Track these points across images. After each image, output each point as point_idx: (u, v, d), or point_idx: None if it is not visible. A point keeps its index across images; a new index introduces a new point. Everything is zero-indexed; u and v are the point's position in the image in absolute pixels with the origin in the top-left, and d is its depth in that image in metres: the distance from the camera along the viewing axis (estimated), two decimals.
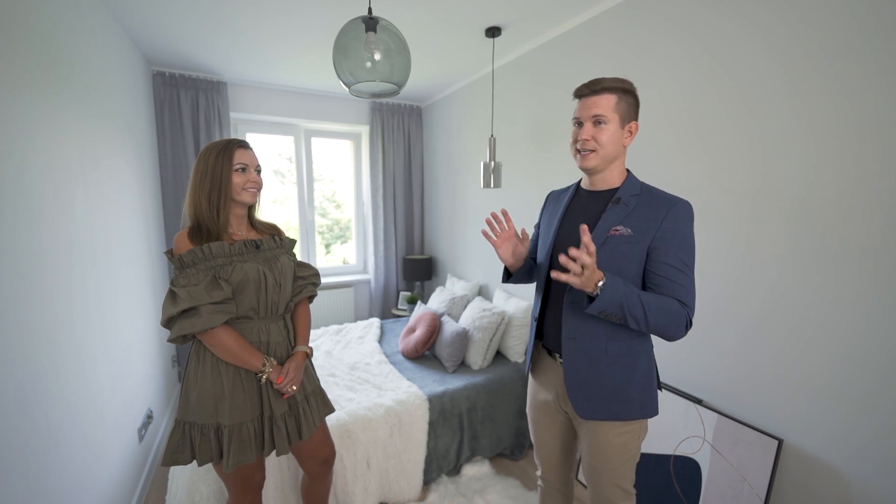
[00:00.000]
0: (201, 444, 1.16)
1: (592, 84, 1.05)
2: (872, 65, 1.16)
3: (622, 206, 1.06)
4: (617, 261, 1.03)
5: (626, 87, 1.04)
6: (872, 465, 1.21)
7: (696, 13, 1.58)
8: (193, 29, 2.22)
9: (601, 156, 1.06)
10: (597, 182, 1.13)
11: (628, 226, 1.03)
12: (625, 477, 1.14)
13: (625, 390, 1.08)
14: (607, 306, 0.96)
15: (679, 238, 1.01)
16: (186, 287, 1.10)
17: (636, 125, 1.07)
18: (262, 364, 1.18)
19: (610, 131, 1.04)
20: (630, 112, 1.05)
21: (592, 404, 1.09)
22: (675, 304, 0.98)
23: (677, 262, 1.00)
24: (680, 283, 0.99)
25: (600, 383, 1.08)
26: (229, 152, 1.18)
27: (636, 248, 1.02)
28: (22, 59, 1.17)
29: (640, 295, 0.97)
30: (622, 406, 1.08)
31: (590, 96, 1.05)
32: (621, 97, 1.04)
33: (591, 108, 1.04)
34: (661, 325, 0.98)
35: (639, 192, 1.07)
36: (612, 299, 0.95)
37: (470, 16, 2.06)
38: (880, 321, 1.18)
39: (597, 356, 1.08)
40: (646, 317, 0.96)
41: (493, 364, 2.35)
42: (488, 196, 2.95)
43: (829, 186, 1.26)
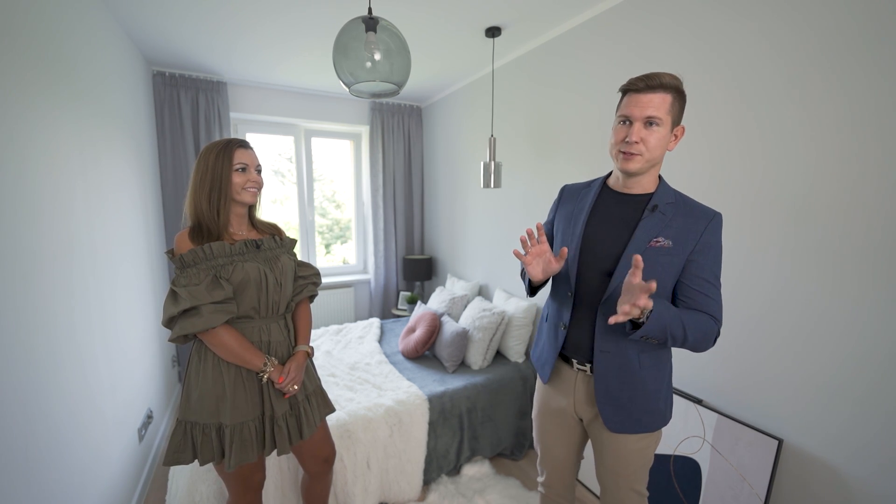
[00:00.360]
0: (203, 443, 1.16)
1: (650, 79, 0.95)
2: (873, 64, 1.16)
3: (659, 214, 1.01)
4: (657, 273, 0.98)
5: (681, 88, 0.97)
6: (872, 465, 1.21)
7: (697, 13, 1.58)
8: (193, 29, 2.22)
9: (646, 160, 0.98)
10: (632, 185, 1.06)
11: (668, 237, 0.99)
12: (640, 481, 1.14)
13: (655, 401, 1.07)
14: (652, 332, 0.94)
15: (715, 252, 1.00)
16: (187, 287, 1.10)
17: (682, 129, 1.01)
18: (263, 364, 1.18)
19: (661, 135, 0.96)
20: (680, 115, 0.99)
21: (621, 417, 1.07)
22: (709, 320, 0.98)
23: (711, 276, 0.99)
24: (713, 298, 0.99)
25: (631, 396, 1.06)
26: (229, 152, 1.18)
27: (675, 261, 0.99)
28: (22, 59, 1.17)
29: (681, 316, 0.96)
30: (650, 417, 1.08)
31: (645, 93, 0.95)
32: (676, 98, 0.96)
33: (646, 107, 0.95)
34: (697, 342, 0.98)
35: (674, 201, 1.03)
36: (657, 326, 0.93)
37: (470, 16, 2.06)
38: (880, 321, 1.18)
39: (630, 368, 1.05)
40: (685, 336, 0.96)
41: (493, 364, 2.35)
42: (488, 196, 2.95)
43: (830, 186, 1.26)
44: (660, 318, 0.92)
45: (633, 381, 1.06)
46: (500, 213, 2.85)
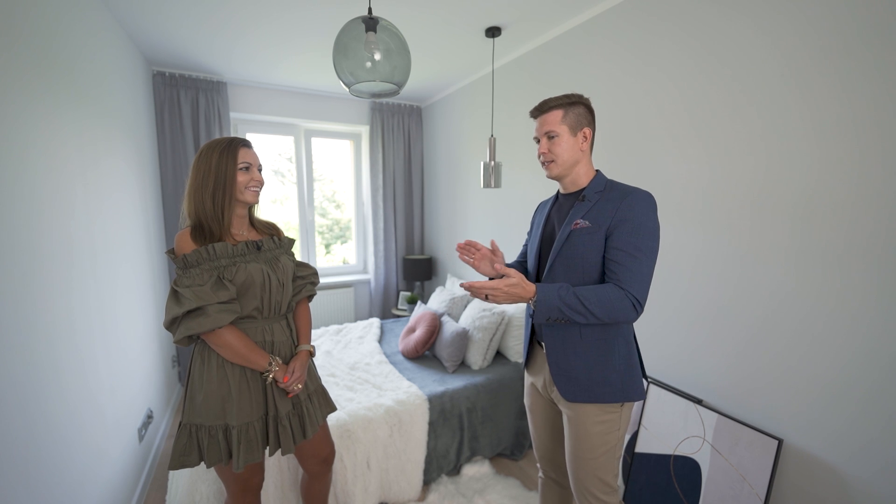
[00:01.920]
0: (209, 445, 1.15)
1: (540, 106, 1.18)
2: (875, 64, 1.16)
3: (586, 202, 1.16)
4: (579, 251, 1.13)
5: (571, 101, 1.15)
6: (873, 466, 1.21)
7: (697, 12, 1.58)
8: (193, 29, 2.22)
9: (560, 164, 1.18)
10: (567, 185, 1.23)
11: (587, 218, 1.14)
12: (606, 469, 1.17)
13: (602, 372, 1.14)
14: (546, 313, 1.06)
15: (632, 224, 1.07)
16: (191, 287, 1.10)
17: (589, 130, 1.17)
18: (268, 363, 1.18)
19: (563, 142, 1.16)
20: (580, 121, 1.16)
21: (573, 386, 1.16)
22: (613, 288, 1.05)
23: (627, 245, 1.07)
24: (625, 266, 1.06)
25: (578, 366, 1.15)
26: (233, 151, 1.17)
27: (595, 238, 1.11)
28: (22, 59, 1.17)
29: (577, 292, 1.06)
30: (602, 388, 1.14)
31: (540, 115, 1.19)
32: (568, 110, 1.15)
33: (542, 125, 1.18)
34: (607, 313, 1.05)
35: (603, 189, 1.17)
36: (547, 305, 1.06)
37: (470, 16, 2.06)
38: (882, 322, 1.18)
39: (573, 340, 1.16)
40: (587, 310, 1.04)
41: (493, 364, 2.35)
42: (488, 196, 2.95)
43: (832, 187, 1.26)
44: (547, 299, 1.05)
45: (577, 350, 1.16)
46: (500, 213, 2.85)
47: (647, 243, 1.07)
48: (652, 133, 1.77)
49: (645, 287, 1.07)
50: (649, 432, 1.72)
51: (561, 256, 1.17)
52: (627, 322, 1.09)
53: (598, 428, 1.15)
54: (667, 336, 1.77)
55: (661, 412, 1.71)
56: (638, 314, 1.06)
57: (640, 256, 1.06)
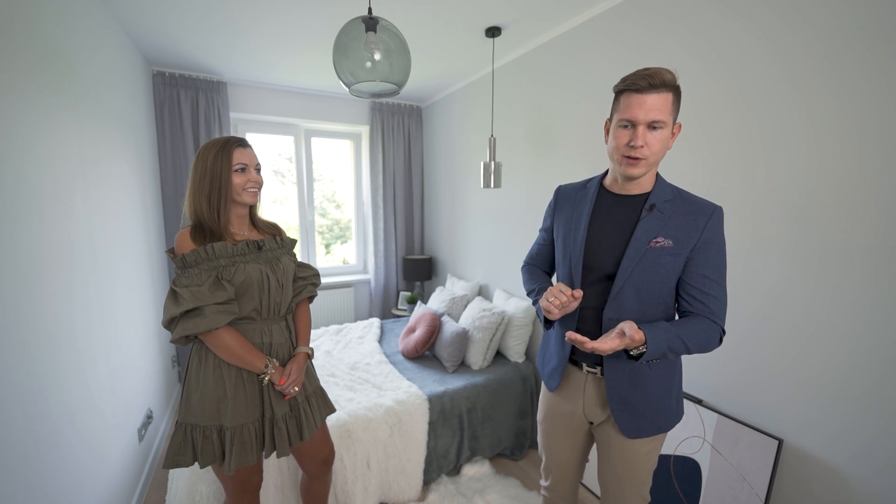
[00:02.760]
0: (203, 445, 1.15)
1: (652, 77, 0.89)
2: (875, 63, 1.16)
3: (657, 213, 0.99)
4: (659, 275, 0.98)
5: (677, 84, 0.93)
6: (872, 465, 1.21)
7: (697, 12, 1.58)
8: (193, 29, 2.22)
9: (651, 163, 0.95)
10: (630, 186, 1.04)
11: (668, 236, 0.97)
12: (646, 485, 1.14)
13: (667, 400, 1.07)
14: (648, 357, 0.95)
15: (717, 248, 0.97)
16: (189, 287, 1.10)
17: (679, 126, 0.97)
18: (264, 365, 1.18)
19: (664, 136, 0.93)
20: (677, 111, 0.95)
21: (637, 422, 1.06)
22: (710, 326, 0.97)
23: (714, 273, 0.97)
24: (715, 296, 0.97)
25: (646, 398, 1.05)
26: (228, 152, 1.16)
27: (677, 260, 0.98)
28: (22, 59, 1.17)
29: (681, 334, 0.95)
30: (664, 417, 1.07)
31: (648, 93, 0.90)
32: (676, 96, 0.92)
33: (650, 109, 0.90)
34: (700, 349, 0.98)
35: (672, 198, 1.01)
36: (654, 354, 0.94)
37: (470, 16, 2.06)
38: (881, 321, 1.18)
39: (640, 371, 1.04)
40: (687, 350, 0.96)
41: (493, 364, 2.35)
42: (488, 196, 2.95)
43: (831, 185, 1.26)
44: (655, 348, 0.93)
45: (645, 383, 1.04)
46: (500, 213, 2.85)
47: (725, 267, 0.99)
48: None
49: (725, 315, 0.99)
50: None
51: (633, 278, 0.99)
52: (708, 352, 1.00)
53: (645, 448, 1.10)
54: None
55: None
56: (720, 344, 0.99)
57: (723, 283, 0.98)
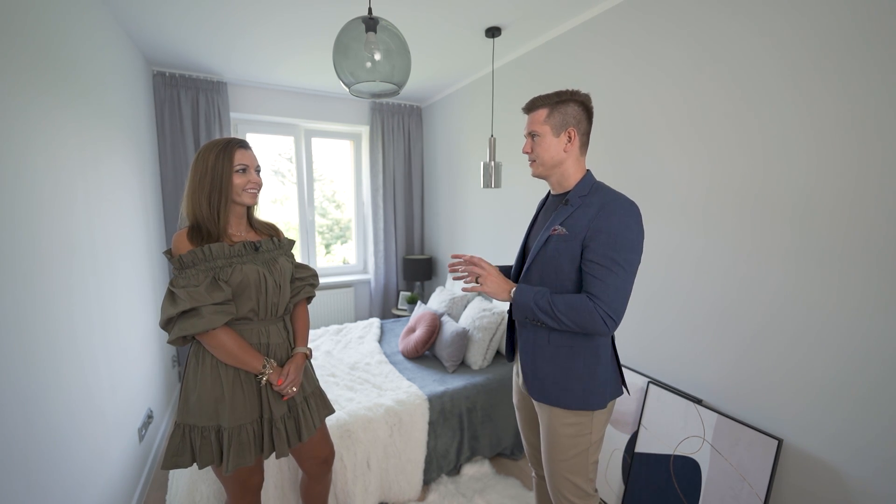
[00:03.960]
0: (202, 446, 1.15)
1: (529, 104, 1.17)
2: (874, 64, 1.16)
3: (568, 206, 1.13)
4: (555, 258, 1.12)
5: (561, 99, 1.12)
6: (872, 466, 1.21)
7: (697, 13, 1.58)
8: (193, 29, 2.22)
9: (540, 164, 1.17)
10: (555, 186, 1.22)
11: (566, 225, 1.11)
12: (578, 472, 1.17)
13: (565, 379, 1.14)
14: (522, 311, 1.10)
15: (608, 235, 1.04)
16: (186, 288, 1.10)
17: (574, 130, 1.13)
18: (262, 366, 1.18)
19: (544, 143, 1.14)
20: (565, 120, 1.12)
21: (538, 385, 1.18)
22: (584, 299, 1.04)
23: (600, 258, 1.04)
24: (598, 278, 1.03)
25: (543, 369, 1.17)
26: (229, 153, 1.17)
27: (570, 246, 1.09)
28: (22, 59, 1.17)
29: (551, 299, 1.06)
30: (563, 394, 1.15)
31: (528, 114, 1.19)
32: (553, 109, 1.13)
33: (527, 124, 1.17)
34: (574, 321, 1.05)
35: (587, 193, 1.13)
36: (522, 305, 1.09)
37: (470, 16, 2.06)
38: (881, 321, 1.18)
39: (541, 343, 1.17)
40: (556, 316, 1.05)
41: (493, 364, 2.35)
42: (488, 196, 2.95)
43: (831, 188, 1.26)
44: (522, 296, 1.09)
45: (544, 354, 1.17)
46: (500, 213, 2.85)
47: (625, 255, 1.03)
48: (653, 133, 1.77)
49: (619, 301, 1.03)
50: (649, 432, 1.72)
51: (537, 262, 1.16)
52: (599, 335, 1.09)
53: (567, 430, 1.16)
54: (667, 336, 1.77)
55: (661, 412, 1.71)
56: (609, 329, 1.03)
57: (615, 270, 1.02)
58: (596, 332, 1.05)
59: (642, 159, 1.82)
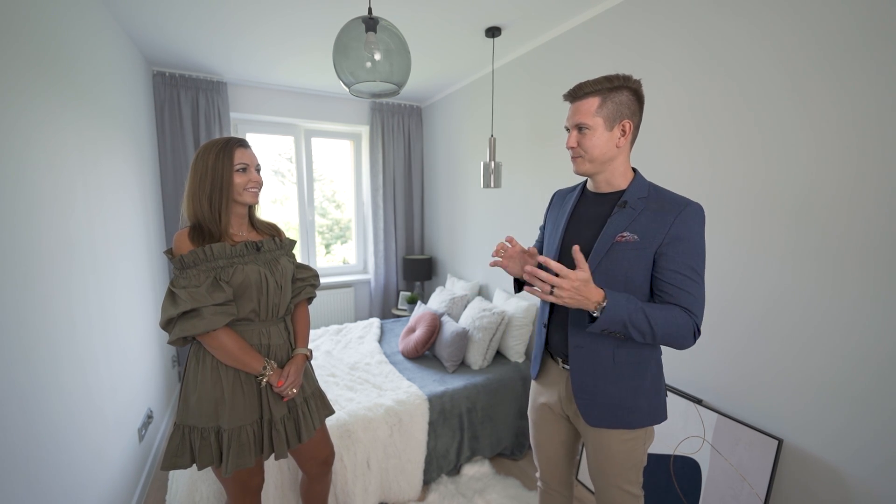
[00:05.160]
0: (201, 447, 1.15)
1: (575, 90, 1.02)
2: (874, 63, 1.16)
3: (629, 210, 1.02)
4: (624, 268, 1.00)
5: (613, 86, 0.99)
6: (872, 465, 1.22)
7: (697, 12, 1.58)
8: (193, 29, 2.22)
9: (589, 160, 1.04)
10: (600, 184, 1.09)
11: (635, 231, 1.00)
12: (630, 481, 1.12)
13: (633, 399, 1.06)
14: (609, 325, 0.93)
15: (687, 244, 0.97)
16: (187, 288, 1.09)
17: (629, 123, 1.01)
18: (262, 367, 1.17)
19: (594, 136, 1.01)
20: (619, 111, 1.00)
21: (600, 411, 1.07)
22: (681, 313, 0.96)
23: (684, 268, 0.96)
24: (687, 291, 0.96)
25: (608, 392, 1.06)
26: (229, 152, 1.16)
27: (643, 255, 0.99)
28: (22, 59, 1.17)
29: (645, 309, 0.94)
30: (630, 415, 1.07)
31: (573, 102, 1.04)
32: (606, 98, 0.99)
33: (574, 115, 1.03)
34: (668, 337, 0.95)
35: (646, 195, 1.03)
36: (613, 318, 0.93)
37: (470, 16, 2.06)
38: (881, 321, 1.18)
39: (604, 365, 1.06)
40: (652, 330, 0.94)
41: (493, 364, 2.35)
42: (488, 196, 2.95)
43: (831, 186, 1.26)
44: (615, 311, 0.92)
45: (609, 376, 1.06)
46: (500, 213, 2.85)
47: (702, 264, 0.98)
48: (653, 132, 1.77)
49: (703, 312, 0.97)
50: None
51: (599, 271, 1.02)
52: (681, 348, 0.99)
53: (623, 447, 1.09)
54: None
55: None
56: (694, 342, 0.97)
57: (696, 280, 0.97)
58: (680, 347, 0.98)
59: (642, 159, 1.82)
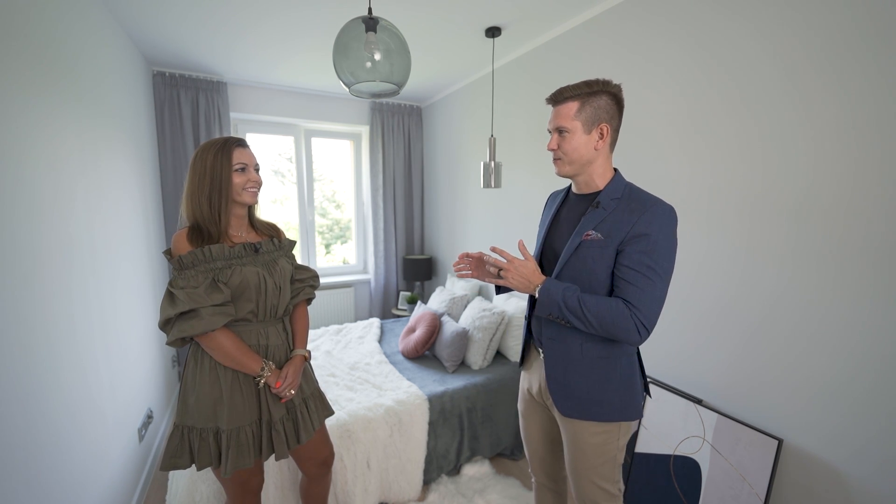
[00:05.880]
0: (200, 448, 1.15)
1: (556, 94, 1.07)
2: (873, 64, 1.16)
3: (600, 210, 1.06)
4: (588, 265, 1.05)
5: (592, 90, 1.02)
6: (872, 465, 1.21)
7: (697, 13, 1.58)
8: (193, 29, 2.22)
9: (569, 163, 1.08)
10: (580, 186, 1.14)
11: (601, 230, 1.04)
12: (605, 477, 1.14)
13: (602, 392, 1.09)
14: (546, 306, 1.03)
15: (648, 242, 0.98)
16: (186, 289, 1.09)
17: (607, 127, 1.04)
18: (260, 368, 1.17)
19: (573, 139, 1.05)
20: (597, 115, 1.03)
21: (571, 402, 1.12)
22: (620, 305, 0.98)
23: (637, 264, 0.98)
24: (635, 285, 0.98)
25: (577, 384, 1.10)
26: (227, 152, 1.16)
27: (606, 252, 1.03)
28: (22, 59, 1.17)
29: (581, 297, 1.00)
30: (599, 407, 1.09)
31: (554, 106, 1.08)
32: (585, 102, 1.03)
33: (554, 118, 1.07)
34: (605, 325, 0.99)
35: (620, 196, 1.06)
36: (548, 300, 1.02)
37: (470, 16, 2.06)
38: (880, 321, 1.18)
39: (574, 357, 1.11)
40: (585, 317, 0.99)
41: (493, 364, 2.35)
42: (488, 196, 2.95)
43: (829, 187, 1.26)
44: (549, 293, 1.02)
45: (577, 368, 1.10)
46: (500, 213, 2.85)
47: (663, 263, 0.98)
48: (653, 132, 1.77)
49: (655, 310, 0.98)
50: (649, 432, 1.72)
51: (568, 268, 1.08)
52: (629, 343, 1.01)
53: (596, 439, 1.11)
54: (667, 336, 1.77)
55: (661, 412, 1.71)
56: (642, 338, 0.98)
57: (652, 278, 0.97)
58: (626, 341, 0.99)
59: (642, 159, 1.82)
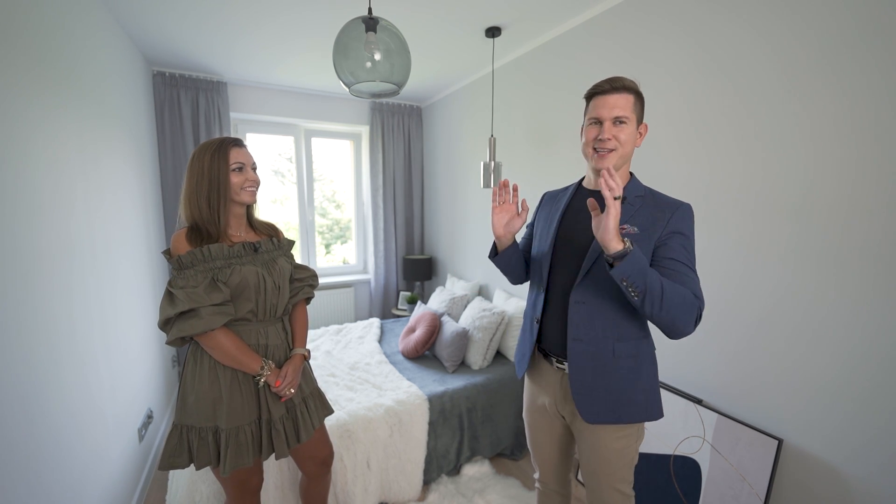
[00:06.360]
0: (199, 447, 1.15)
1: (613, 81, 1.03)
2: (872, 64, 1.16)
3: (627, 205, 1.06)
4: None
5: (639, 90, 1.06)
6: (872, 465, 1.21)
7: (696, 13, 1.58)
8: (193, 29, 2.22)
9: (620, 155, 1.04)
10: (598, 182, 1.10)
11: (635, 224, 1.03)
12: (623, 480, 1.14)
13: (631, 392, 1.07)
14: (633, 272, 0.89)
15: (683, 239, 1.01)
16: (185, 288, 1.09)
17: (646, 127, 1.08)
18: (260, 367, 1.17)
19: (629, 131, 1.04)
20: (642, 113, 1.07)
21: (597, 408, 1.08)
22: (688, 291, 0.95)
23: (683, 258, 0.99)
24: (687, 276, 0.97)
25: (607, 386, 1.07)
26: (224, 152, 1.16)
27: (644, 246, 1.02)
28: (22, 59, 1.17)
29: (660, 276, 0.93)
30: (626, 409, 1.07)
31: (611, 94, 1.03)
32: (637, 98, 1.05)
33: (613, 107, 1.02)
34: (674, 310, 0.92)
35: (643, 194, 1.08)
36: (635, 267, 0.89)
37: (470, 16, 2.06)
38: (880, 321, 1.18)
39: (603, 358, 1.07)
40: (662, 295, 0.90)
41: (493, 364, 2.35)
42: (488, 196, 2.95)
43: (829, 186, 1.26)
44: (640, 259, 0.90)
45: (608, 370, 1.07)
46: None
47: (694, 260, 1.02)
48: (652, 132, 1.77)
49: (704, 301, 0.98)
50: (649, 432, 1.72)
51: (599, 263, 1.03)
52: (683, 334, 0.96)
53: (617, 444, 1.10)
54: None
55: None
56: (694, 329, 0.96)
57: (695, 271, 1.00)
58: (682, 328, 0.95)
59: (642, 159, 1.82)
